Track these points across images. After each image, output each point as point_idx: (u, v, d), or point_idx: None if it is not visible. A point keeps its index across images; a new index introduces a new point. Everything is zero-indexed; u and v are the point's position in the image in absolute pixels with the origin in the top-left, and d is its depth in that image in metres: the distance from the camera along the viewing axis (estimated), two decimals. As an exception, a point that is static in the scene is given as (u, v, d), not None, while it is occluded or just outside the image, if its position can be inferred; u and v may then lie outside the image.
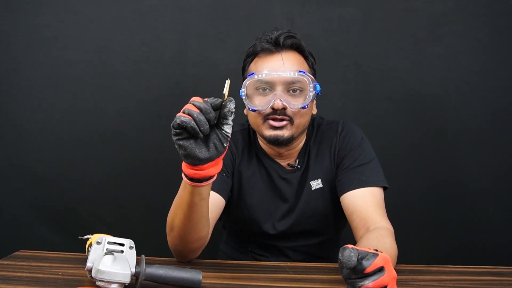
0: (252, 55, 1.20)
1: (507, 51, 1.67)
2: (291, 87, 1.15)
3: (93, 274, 0.80)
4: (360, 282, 0.72)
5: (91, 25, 1.71)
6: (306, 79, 1.14)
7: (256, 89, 1.16)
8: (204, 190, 0.94)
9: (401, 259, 1.03)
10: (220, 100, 0.86)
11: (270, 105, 1.13)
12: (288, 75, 1.13)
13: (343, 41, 1.70)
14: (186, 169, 0.89)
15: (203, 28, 1.71)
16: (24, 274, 0.93)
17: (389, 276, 0.73)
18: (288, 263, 1.09)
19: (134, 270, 0.82)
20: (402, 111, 1.71)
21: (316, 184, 1.24)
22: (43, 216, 1.75)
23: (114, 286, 0.80)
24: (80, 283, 0.89)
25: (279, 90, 1.14)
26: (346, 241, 1.06)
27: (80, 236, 0.99)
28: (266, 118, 1.16)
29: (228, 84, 0.85)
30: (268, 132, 1.16)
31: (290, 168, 1.26)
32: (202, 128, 0.83)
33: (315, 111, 1.26)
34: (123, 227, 1.72)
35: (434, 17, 1.67)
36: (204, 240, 1.05)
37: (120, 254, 0.83)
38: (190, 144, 0.84)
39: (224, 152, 0.89)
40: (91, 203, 1.75)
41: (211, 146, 0.86)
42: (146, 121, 1.73)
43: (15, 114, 1.73)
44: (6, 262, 1.01)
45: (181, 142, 0.84)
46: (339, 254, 0.72)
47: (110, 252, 0.83)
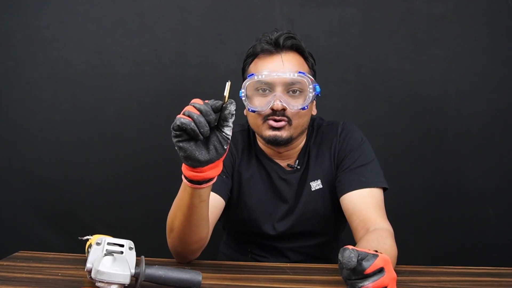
0: (252, 56, 1.20)
1: (506, 52, 1.68)
2: (291, 88, 1.15)
3: (92, 275, 0.80)
4: (360, 283, 0.72)
5: (91, 26, 1.71)
6: (305, 80, 1.14)
7: (256, 90, 1.16)
8: (204, 192, 0.94)
9: (400, 260, 1.03)
10: (220, 102, 0.85)
11: (270, 106, 1.13)
12: (288, 76, 1.13)
13: (343, 42, 1.70)
14: (186, 171, 0.89)
15: (203, 29, 1.71)
16: (24, 275, 0.93)
17: (389, 277, 0.73)
18: (288, 264, 1.09)
19: (133, 271, 0.82)
20: (402, 112, 1.71)
21: (316, 185, 1.24)
22: (42, 217, 1.75)
23: (114, 287, 0.80)
24: (79, 284, 0.89)
25: (278, 91, 1.14)
26: (346, 242, 1.06)
27: (79, 237, 0.99)
28: (266, 119, 1.16)
29: (228, 86, 0.84)
30: (267, 132, 1.16)
31: (290, 169, 1.26)
32: (202, 130, 0.82)
33: (315, 112, 1.26)
34: (122, 228, 1.72)
35: (434, 18, 1.68)
36: (204, 241, 1.05)
37: (119, 255, 0.83)
38: (190, 146, 0.84)
39: (224, 154, 0.88)
40: (91, 204, 1.75)
41: (211, 148, 0.86)
42: (146, 121, 1.73)
43: (15, 114, 1.73)
44: (5, 263, 1.01)
45: (181, 144, 0.84)
46: (339, 254, 0.72)
47: (109, 253, 0.83)
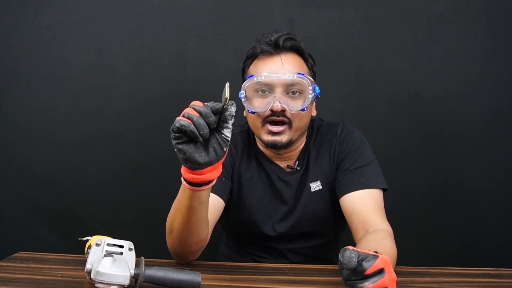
0: (252, 57, 1.20)
1: (506, 52, 1.68)
2: (290, 89, 1.15)
3: (92, 276, 0.80)
4: (360, 283, 0.72)
5: (91, 26, 1.71)
6: (305, 81, 1.14)
7: (256, 91, 1.16)
8: (203, 194, 0.94)
9: (400, 261, 1.03)
10: (220, 104, 0.84)
11: (269, 107, 1.13)
12: (287, 77, 1.13)
13: (342, 42, 1.70)
14: (185, 173, 0.89)
15: (203, 29, 1.71)
16: (24, 276, 0.93)
17: (389, 278, 0.73)
18: (288, 265, 1.09)
19: (133, 272, 0.82)
20: (402, 112, 1.71)
21: (316, 186, 1.24)
22: (42, 218, 1.75)
23: (114, 288, 0.80)
24: (79, 285, 0.89)
25: (278, 92, 1.14)
26: (345, 243, 1.05)
27: (79, 238, 0.99)
28: (265, 120, 1.16)
29: (228, 87, 0.83)
30: (267, 137, 1.16)
31: (290, 170, 1.26)
32: (202, 132, 0.82)
33: (314, 113, 1.26)
34: (122, 229, 1.72)
35: (433, 18, 1.68)
36: (203, 242, 1.05)
37: (119, 256, 0.83)
38: (190, 148, 0.84)
39: (224, 157, 0.88)
40: (91, 204, 1.75)
41: (210, 150, 0.86)
42: (146, 122, 1.73)
43: (15, 115, 1.73)
44: (5, 264, 1.00)
45: (180, 146, 0.84)
46: (340, 255, 0.72)
47: (109, 254, 0.83)
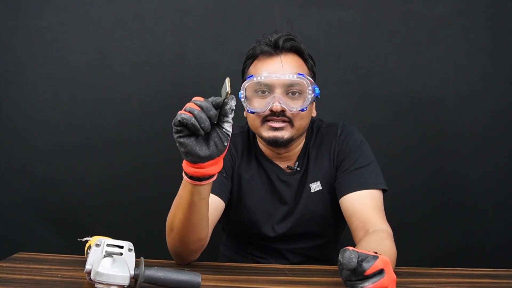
0: (252, 57, 1.21)
1: (506, 53, 1.68)
2: (290, 90, 1.15)
3: (92, 276, 0.80)
4: (360, 284, 0.72)
5: (91, 27, 1.71)
6: (305, 82, 1.14)
7: (255, 91, 1.16)
8: (204, 190, 0.94)
9: (400, 261, 1.03)
10: (221, 98, 0.86)
11: (269, 107, 1.13)
12: (287, 77, 1.13)
13: (342, 43, 1.70)
14: (187, 167, 0.90)
15: (203, 30, 1.71)
16: (23, 276, 0.93)
17: (389, 279, 0.73)
18: (288, 266, 1.09)
19: (133, 273, 0.82)
20: (402, 113, 1.71)
21: (316, 186, 1.24)
22: (42, 218, 1.74)
23: (113, 289, 0.80)
24: (79, 286, 0.89)
25: (278, 92, 1.14)
26: (345, 243, 1.05)
27: (79, 238, 0.99)
28: (265, 120, 1.16)
29: (228, 81, 0.84)
30: (267, 133, 1.16)
31: (290, 171, 1.26)
32: (203, 125, 0.83)
33: (314, 114, 1.26)
34: (122, 229, 1.72)
35: (433, 19, 1.68)
36: (203, 241, 1.04)
37: (119, 257, 0.83)
38: (191, 141, 0.85)
39: (225, 151, 0.89)
40: (91, 205, 1.75)
41: (211, 144, 0.87)
42: (146, 122, 1.73)
43: (15, 115, 1.73)
44: (5, 264, 1.00)
45: (181, 140, 0.85)
46: (339, 255, 0.72)
47: (109, 254, 0.83)
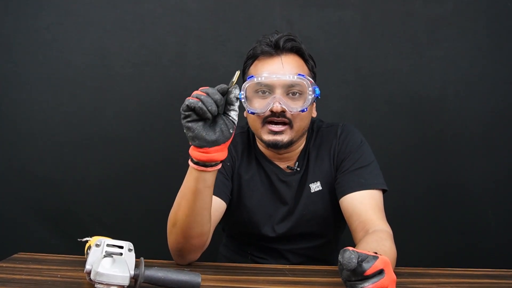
0: (252, 58, 1.21)
1: (506, 53, 1.68)
2: (290, 90, 1.15)
3: (92, 276, 0.80)
4: (360, 284, 0.72)
5: (91, 27, 1.71)
6: (305, 82, 1.14)
7: (256, 92, 1.16)
8: (209, 177, 0.96)
9: (400, 262, 1.03)
10: (226, 86, 0.91)
11: (269, 108, 1.13)
12: (287, 78, 1.13)
13: (342, 43, 1.70)
14: (193, 151, 0.93)
15: (203, 30, 1.71)
16: (23, 277, 0.93)
17: (388, 279, 0.73)
18: (288, 266, 1.09)
19: (133, 273, 0.82)
20: (402, 113, 1.71)
21: (316, 186, 1.24)
22: (42, 218, 1.74)
23: (113, 289, 0.80)
24: (79, 286, 0.89)
25: (278, 93, 1.14)
26: (345, 243, 1.05)
27: (79, 239, 0.99)
28: (265, 121, 1.16)
29: (237, 74, 0.91)
30: (267, 137, 1.16)
31: (290, 171, 1.26)
32: (210, 108, 0.88)
33: (315, 114, 1.26)
34: (122, 230, 1.71)
35: (433, 19, 1.68)
36: (205, 237, 1.04)
37: (119, 257, 0.83)
38: (198, 126, 0.90)
39: (231, 138, 0.94)
40: (91, 205, 1.75)
41: (217, 130, 0.92)
42: (146, 123, 1.73)
43: (15, 115, 1.73)
44: (4, 265, 1.00)
45: (189, 124, 0.90)
46: (339, 256, 0.72)
47: (109, 254, 0.83)
